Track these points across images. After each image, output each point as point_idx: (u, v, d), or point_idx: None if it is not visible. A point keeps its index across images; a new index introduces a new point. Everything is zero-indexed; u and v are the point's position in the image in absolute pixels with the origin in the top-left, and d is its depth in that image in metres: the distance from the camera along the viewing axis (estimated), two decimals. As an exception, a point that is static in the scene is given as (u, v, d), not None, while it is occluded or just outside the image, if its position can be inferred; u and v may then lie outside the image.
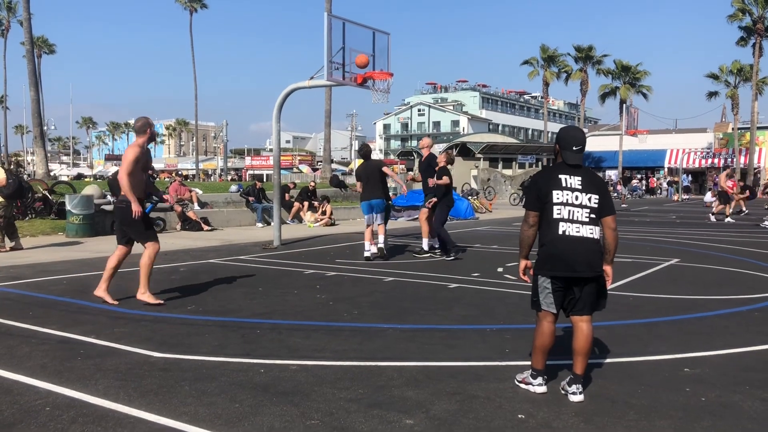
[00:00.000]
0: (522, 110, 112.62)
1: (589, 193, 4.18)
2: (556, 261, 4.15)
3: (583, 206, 4.15)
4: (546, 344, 4.30)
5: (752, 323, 6.47)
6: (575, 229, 4.13)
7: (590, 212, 4.16)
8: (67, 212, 13.85)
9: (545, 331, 4.29)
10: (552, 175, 4.24)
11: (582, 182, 4.19)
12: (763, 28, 48.42)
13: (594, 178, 4.27)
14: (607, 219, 4.20)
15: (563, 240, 4.13)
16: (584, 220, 4.14)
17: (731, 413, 3.99)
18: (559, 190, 4.17)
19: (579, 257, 4.11)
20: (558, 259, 4.14)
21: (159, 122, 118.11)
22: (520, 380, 4.41)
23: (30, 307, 6.91)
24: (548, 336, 4.29)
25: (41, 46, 64.54)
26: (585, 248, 4.12)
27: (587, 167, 4.32)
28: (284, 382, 4.49)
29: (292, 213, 19.16)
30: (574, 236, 4.12)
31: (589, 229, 4.14)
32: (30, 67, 28.21)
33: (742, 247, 13.50)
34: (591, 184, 4.20)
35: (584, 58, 56.50)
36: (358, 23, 12.99)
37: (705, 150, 55.72)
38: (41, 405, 4.00)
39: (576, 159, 4.24)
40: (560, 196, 4.16)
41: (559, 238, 4.14)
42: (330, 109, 34.65)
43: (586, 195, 4.17)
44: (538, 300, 4.29)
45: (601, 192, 4.23)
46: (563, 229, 4.14)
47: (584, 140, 4.30)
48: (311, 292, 7.99)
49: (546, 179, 4.25)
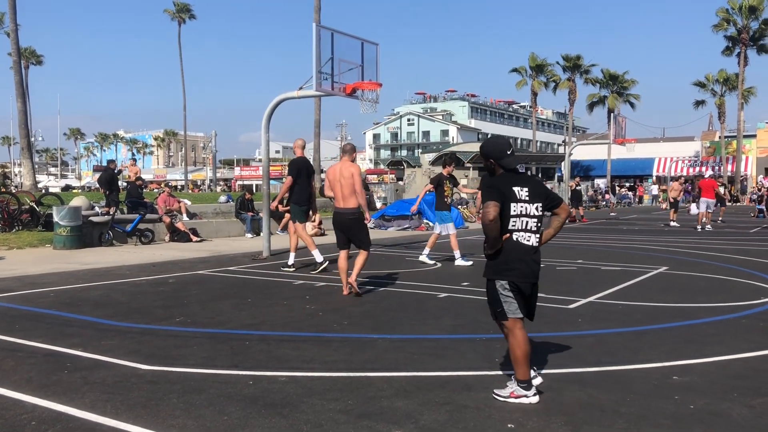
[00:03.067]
0: (511, 120, 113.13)
1: (536, 203, 4.34)
2: (513, 268, 4.29)
3: (531, 216, 4.32)
4: (528, 351, 4.33)
5: (740, 331, 6.50)
6: (526, 238, 4.30)
7: (537, 221, 4.35)
8: (55, 224, 13.76)
9: (521, 339, 4.32)
10: (506, 186, 4.31)
11: (529, 193, 4.33)
12: (748, 38, 49.00)
13: (538, 187, 4.42)
14: (560, 206, 4.48)
15: (518, 248, 4.29)
16: (533, 229, 4.32)
17: (720, 421, 4.00)
18: (515, 202, 4.30)
19: (533, 265, 4.34)
20: (515, 266, 4.29)
21: (147, 133, 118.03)
22: (507, 396, 4.31)
23: (17, 320, 6.84)
24: (526, 342, 4.33)
25: (28, 57, 64.20)
26: (534, 257, 4.34)
27: (531, 176, 4.60)
28: (273, 393, 4.46)
29: (282, 223, 19.10)
30: (526, 245, 4.31)
31: (536, 238, 4.35)
32: (17, 78, 28.08)
33: (730, 255, 13.58)
34: (536, 195, 4.36)
35: (572, 67, 56.92)
36: (346, 34, 13.03)
37: (692, 158, 56.24)
38: (27, 419, 3.96)
39: (515, 162, 4.42)
40: (516, 208, 4.29)
41: (514, 245, 4.28)
42: (319, 119, 34.64)
43: (533, 205, 4.32)
44: (503, 310, 4.33)
45: (545, 196, 4.40)
46: (517, 237, 4.29)
47: (512, 145, 4.56)
48: (300, 302, 7.96)
49: (504, 186, 4.32)
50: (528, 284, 4.36)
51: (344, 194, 8.36)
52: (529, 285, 4.37)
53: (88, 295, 8.40)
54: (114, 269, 10.84)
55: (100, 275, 10.14)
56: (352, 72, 12.93)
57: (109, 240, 14.64)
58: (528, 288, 4.37)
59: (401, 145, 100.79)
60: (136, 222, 15.23)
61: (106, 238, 14.58)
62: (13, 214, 15.88)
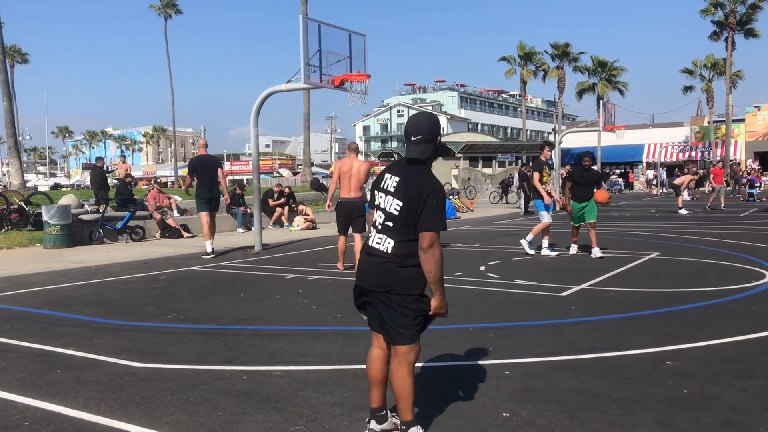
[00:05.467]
0: (500, 109, 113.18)
1: (396, 199, 3.36)
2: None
3: (386, 212, 3.41)
4: (374, 378, 3.56)
5: (732, 314, 6.54)
6: (376, 238, 3.46)
7: (386, 219, 3.40)
8: (44, 223, 13.67)
9: (369, 359, 3.63)
10: (382, 173, 3.53)
11: (397, 185, 3.38)
12: (735, 22, 49.08)
13: (410, 184, 3.34)
14: (421, 234, 3.28)
15: (364, 250, 3.57)
16: (379, 228, 3.46)
17: (713, 404, 4.02)
18: (378, 190, 3.49)
19: (367, 266, 3.50)
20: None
21: (136, 129, 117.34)
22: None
23: (7, 320, 6.80)
24: (373, 367, 3.58)
25: (14, 56, 63.64)
26: (373, 260, 3.45)
27: (423, 167, 3.42)
28: (267, 388, 4.45)
29: (274, 218, 19.07)
30: (371, 246, 3.48)
31: (390, 245, 3.38)
32: (2, 77, 27.84)
33: (720, 239, 13.65)
34: (403, 191, 3.35)
35: (561, 55, 56.92)
36: (334, 25, 12.96)
37: (682, 144, 56.37)
38: (19, 420, 3.93)
39: (415, 152, 3.40)
40: (378, 198, 3.49)
41: (364, 246, 3.58)
42: (308, 112, 34.60)
43: (394, 200, 3.37)
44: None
45: (413, 200, 3.29)
46: (371, 236, 3.53)
47: (427, 127, 3.41)
48: (293, 296, 7.94)
49: (377, 178, 3.53)
50: (366, 288, 3.48)
51: (353, 186, 9.63)
52: (370, 291, 3.46)
53: (80, 293, 8.36)
54: (105, 267, 10.78)
55: (91, 273, 10.09)
56: (341, 64, 12.87)
57: (100, 238, 14.56)
58: (364, 294, 3.51)
59: (392, 136, 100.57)
60: (126, 219, 15.15)
61: (96, 236, 14.50)
62: (2, 214, 15.75)
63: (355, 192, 9.64)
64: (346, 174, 9.63)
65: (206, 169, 12.22)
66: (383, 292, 3.38)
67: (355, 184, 9.60)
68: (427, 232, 3.26)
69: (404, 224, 3.34)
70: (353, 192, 9.63)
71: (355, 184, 9.60)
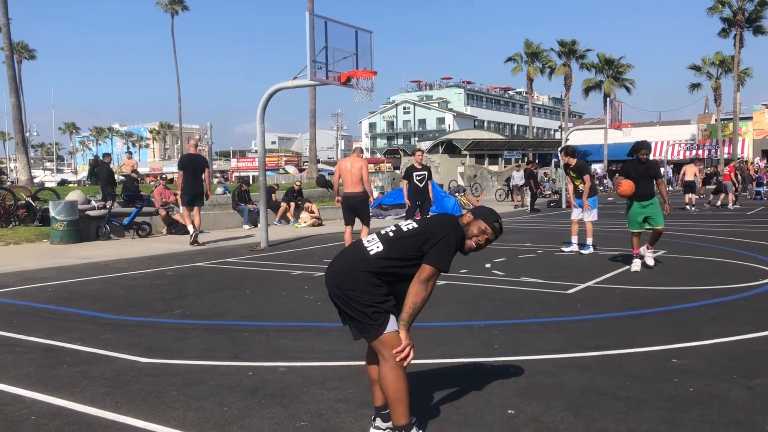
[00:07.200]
0: (507, 106, 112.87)
1: (413, 222, 3.51)
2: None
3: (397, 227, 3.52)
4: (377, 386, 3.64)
5: (738, 313, 6.52)
6: (370, 239, 3.52)
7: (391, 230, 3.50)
8: (51, 219, 13.71)
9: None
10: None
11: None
12: (743, 20, 48.80)
13: (437, 218, 3.56)
14: (424, 266, 3.32)
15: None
16: (381, 233, 3.54)
17: (719, 403, 4.01)
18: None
19: (334, 264, 3.56)
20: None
21: (143, 126, 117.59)
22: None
23: (14, 315, 6.83)
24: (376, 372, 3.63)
25: (21, 52, 63.84)
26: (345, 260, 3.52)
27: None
28: (273, 384, 4.46)
29: (279, 214, 19.10)
30: (360, 245, 3.55)
31: (378, 249, 3.40)
32: (10, 73, 27.90)
33: (727, 237, 13.60)
34: (427, 221, 3.53)
35: (568, 52, 56.77)
36: (340, 22, 12.95)
37: (689, 142, 56.18)
38: (26, 414, 3.95)
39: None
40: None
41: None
42: (315, 109, 34.55)
43: (411, 222, 3.53)
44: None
45: (431, 228, 3.40)
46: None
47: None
48: (299, 293, 7.95)
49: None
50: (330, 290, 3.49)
51: (353, 181, 10.74)
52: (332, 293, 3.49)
53: (86, 289, 8.39)
54: (111, 263, 10.82)
55: (98, 269, 10.12)
56: (347, 60, 12.87)
57: (106, 234, 14.60)
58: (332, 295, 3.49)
59: (397, 133, 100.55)
60: (133, 215, 15.19)
61: (103, 232, 14.55)
62: (9, 209, 15.82)
63: (354, 186, 10.72)
64: (346, 171, 10.83)
65: (194, 166, 13.24)
66: (334, 285, 3.44)
67: (355, 179, 10.71)
68: (432, 266, 3.30)
69: (406, 245, 3.36)
70: (353, 186, 10.73)
71: (355, 179, 10.71)
